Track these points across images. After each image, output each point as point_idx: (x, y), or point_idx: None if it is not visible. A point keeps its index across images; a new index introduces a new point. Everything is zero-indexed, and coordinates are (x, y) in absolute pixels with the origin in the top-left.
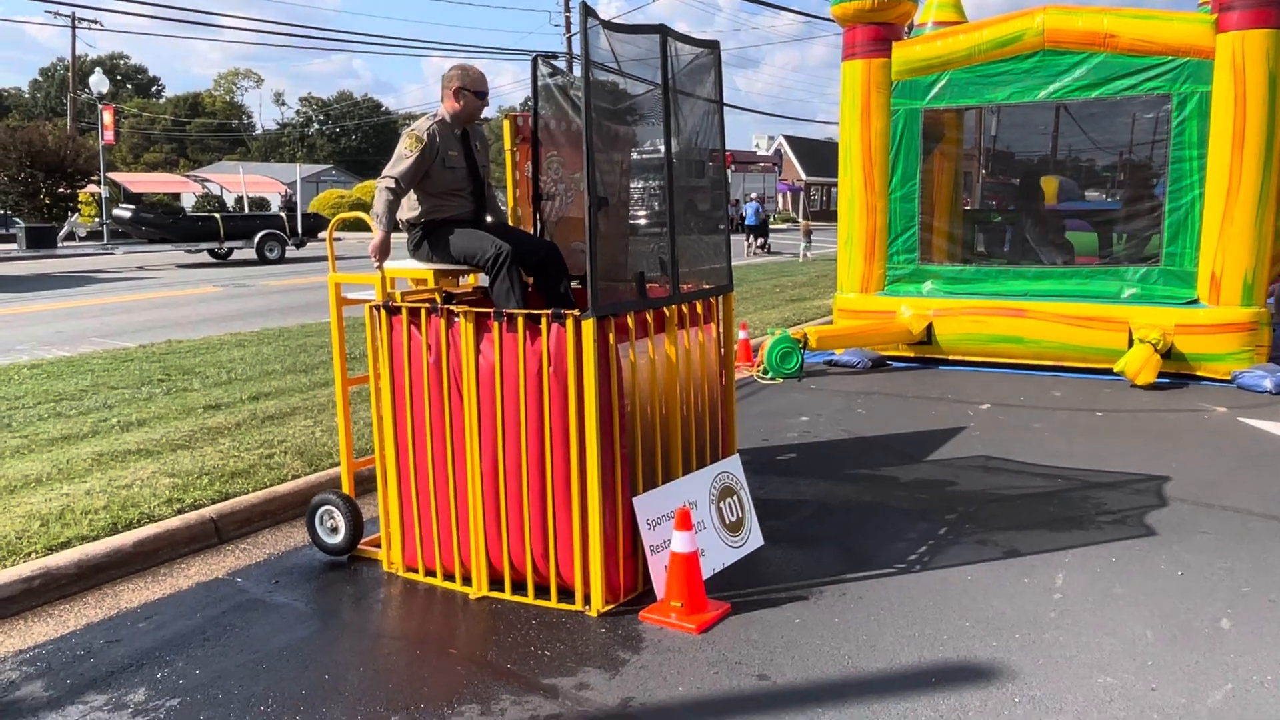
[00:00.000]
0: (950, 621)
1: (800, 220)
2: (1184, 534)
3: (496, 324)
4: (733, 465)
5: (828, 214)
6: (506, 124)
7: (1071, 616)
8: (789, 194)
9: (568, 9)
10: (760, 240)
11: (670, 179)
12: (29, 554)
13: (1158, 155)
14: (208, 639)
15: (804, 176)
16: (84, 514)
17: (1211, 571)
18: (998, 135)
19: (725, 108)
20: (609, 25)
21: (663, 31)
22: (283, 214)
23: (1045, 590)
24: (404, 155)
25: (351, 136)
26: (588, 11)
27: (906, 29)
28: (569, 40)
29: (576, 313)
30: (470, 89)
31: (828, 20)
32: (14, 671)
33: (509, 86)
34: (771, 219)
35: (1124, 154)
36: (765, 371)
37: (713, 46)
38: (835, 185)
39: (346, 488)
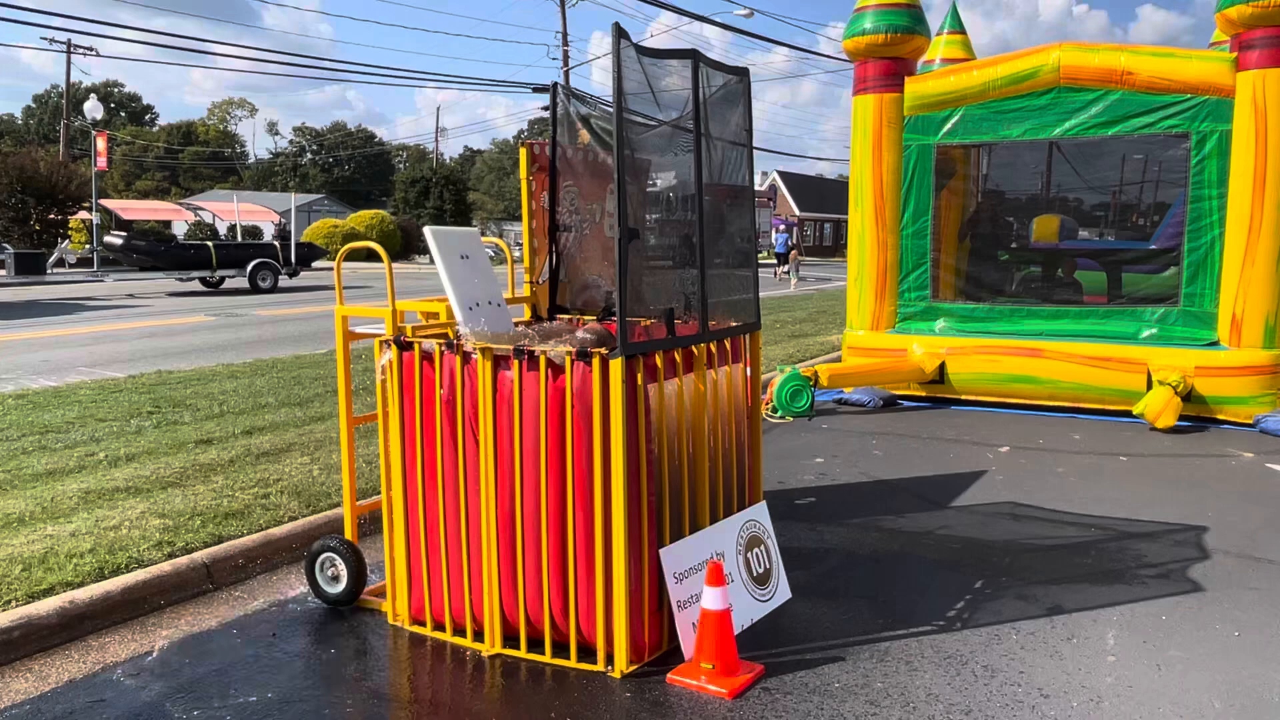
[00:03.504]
0: (1002, 689)
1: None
2: (1233, 590)
3: (516, 362)
4: (760, 513)
5: (820, 249)
6: (523, 152)
7: (1129, 682)
8: (776, 229)
9: (565, 43)
10: (787, 268)
11: (700, 211)
12: (9, 602)
13: (1176, 194)
14: (197, 698)
15: (797, 212)
16: (69, 558)
17: (1271, 631)
18: (1012, 172)
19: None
20: (642, 49)
21: (695, 57)
22: (276, 243)
23: (1097, 652)
24: None
25: (345, 167)
26: (620, 33)
27: (917, 66)
28: (566, 74)
29: (604, 351)
30: None
31: (820, 56)
32: None
33: (502, 120)
34: (765, 253)
35: (1141, 193)
36: (775, 410)
37: (742, 74)
38: (828, 221)
39: (349, 533)
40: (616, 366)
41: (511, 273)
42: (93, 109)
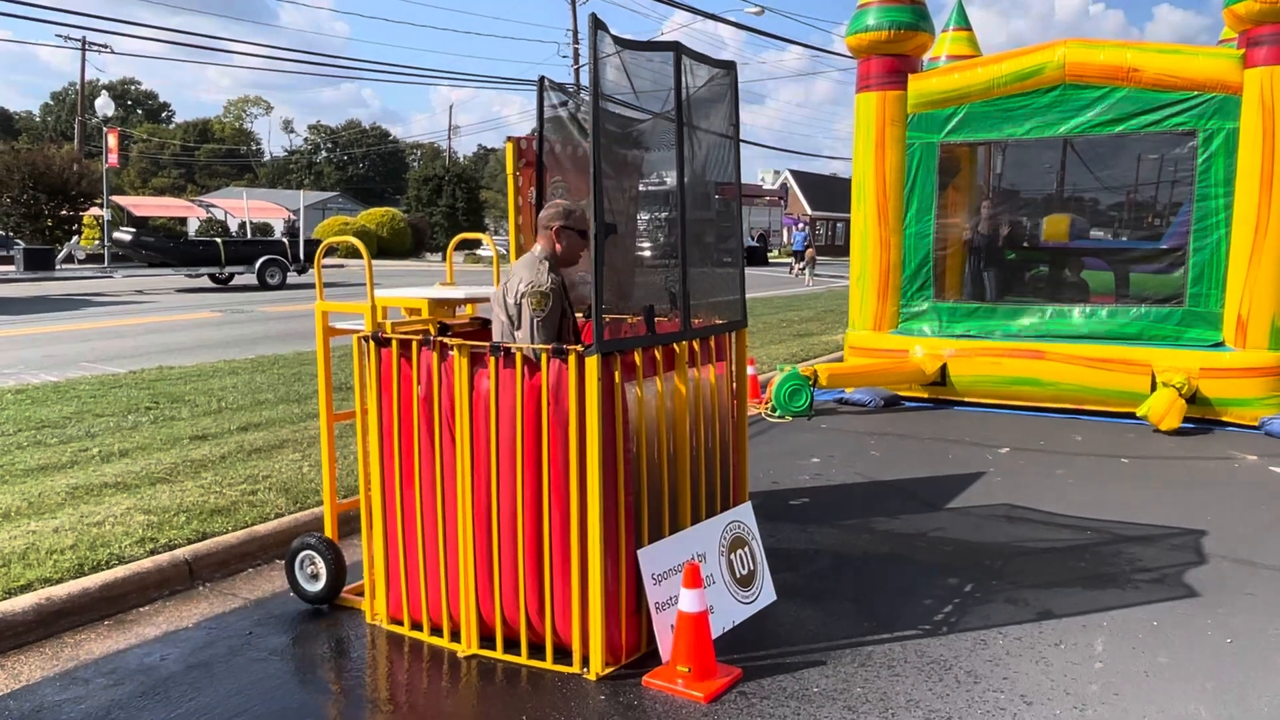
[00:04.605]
0: (985, 695)
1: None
2: (1228, 596)
3: (493, 359)
4: (744, 514)
5: (833, 248)
6: (509, 146)
7: (1115, 689)
8: (793, 227)
9: (575, 41)
10: (803, 264)
11: (683, 206)
12: None
13: (1182, 193)
14: (168, 699)
15: (809, 211)
16: (49, 554)
17: (1263, 639)
18: (1017, 170)
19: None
20: (621, 41)
21: (677, 49)
22: (285, 239)
23: (1085, 658)
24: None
25: (359, 165)
26: (597, 24)
27: (921, 63)
28: (576, 72)
29: (579, 348)
30: (574, 227)
31: (833, 55)
32: None
33: (515, 118)
34: (775, 251)
35: (1151, 192)
36: (773, 409)
37: (729, 67)
38: (841, 220)
39: (329, 531)
40: (592, 364)
41: (497, 269)
42: (104, 105)
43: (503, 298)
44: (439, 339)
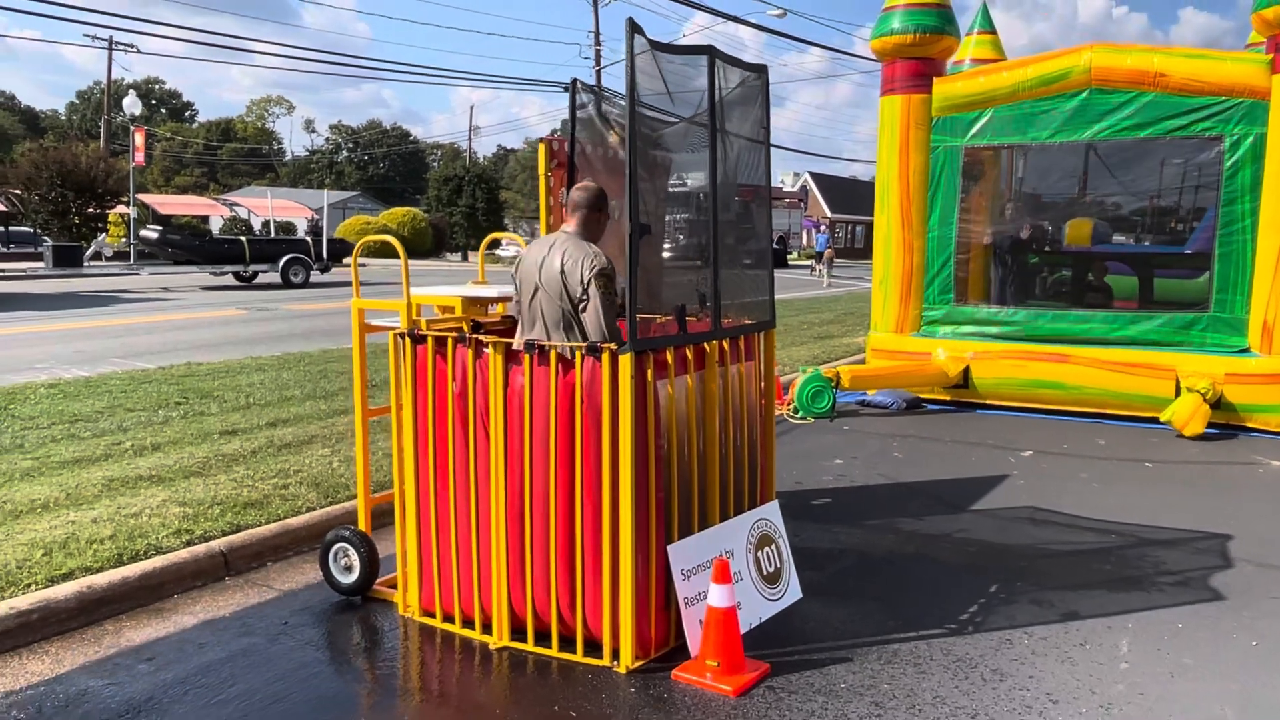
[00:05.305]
0: (1011, 693)
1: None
2: (1253, 599)
3: (527, 356)
4: (771, 512)
5: (852, 251)
6: (542, 147)
7: (1141, 690)
8: (814, 230)
9: (598, 42)
10: (822, 266)
11: (715, 208)
12: (29, 585)
13: (1207, 198)
14: (208, 685)
15: (829, 213)
16: (89, 543)
17: None
18: (1040, 174)
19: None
20: (656, 45)
21: (711, 53)
22: (308, 238)
23: (1110, 659)
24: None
25: (380, 164)
26: (634, 28)
27: (946, 66)
28: (598, 73)
29: (613, 346)
30: (600, 210)
31: (854, 57)
32: (2, 715)
33: (535, 119)
34: (794, 254)
35: (1173, 196)
36: (796, 410)
37: (760, 71)
38: (860, 223)
39: (363, 524)
40: (625, 362)
41: None
42: (131, 105)
43: (561, 282)
44: (474, 336)
